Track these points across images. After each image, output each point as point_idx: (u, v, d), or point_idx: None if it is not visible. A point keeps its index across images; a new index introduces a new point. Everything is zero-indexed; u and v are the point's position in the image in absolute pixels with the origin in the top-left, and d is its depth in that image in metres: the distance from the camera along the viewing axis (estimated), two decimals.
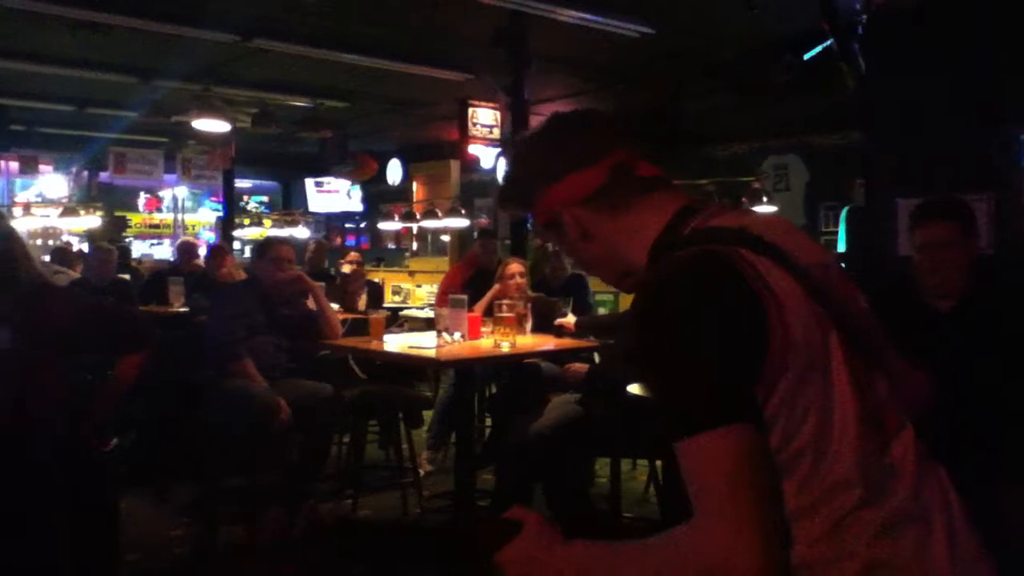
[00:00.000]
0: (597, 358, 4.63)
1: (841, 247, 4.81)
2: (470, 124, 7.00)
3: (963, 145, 3.61)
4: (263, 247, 4.63)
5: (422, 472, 5.05)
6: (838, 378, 1.04)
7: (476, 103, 6.99)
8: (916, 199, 2.81)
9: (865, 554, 1.00)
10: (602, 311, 8.37)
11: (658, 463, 4.17)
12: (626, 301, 8.35)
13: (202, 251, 8.23)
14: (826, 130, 7.00)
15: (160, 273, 7.64)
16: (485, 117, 7.09)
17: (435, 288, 8.07)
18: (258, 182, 14.19)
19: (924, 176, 3.61)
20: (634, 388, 3.14)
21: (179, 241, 9.19)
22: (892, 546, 1.00)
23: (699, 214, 1.19)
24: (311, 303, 4.57)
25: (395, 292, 10.37)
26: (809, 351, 1.02)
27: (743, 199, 6.75)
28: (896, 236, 3.65)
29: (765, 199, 6.70)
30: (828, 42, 4.40)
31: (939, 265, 2.56)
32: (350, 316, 5.82)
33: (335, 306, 5.42)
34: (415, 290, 10.56)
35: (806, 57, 4.71)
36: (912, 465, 1.06)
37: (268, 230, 11.30)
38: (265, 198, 14.55)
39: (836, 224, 7.03)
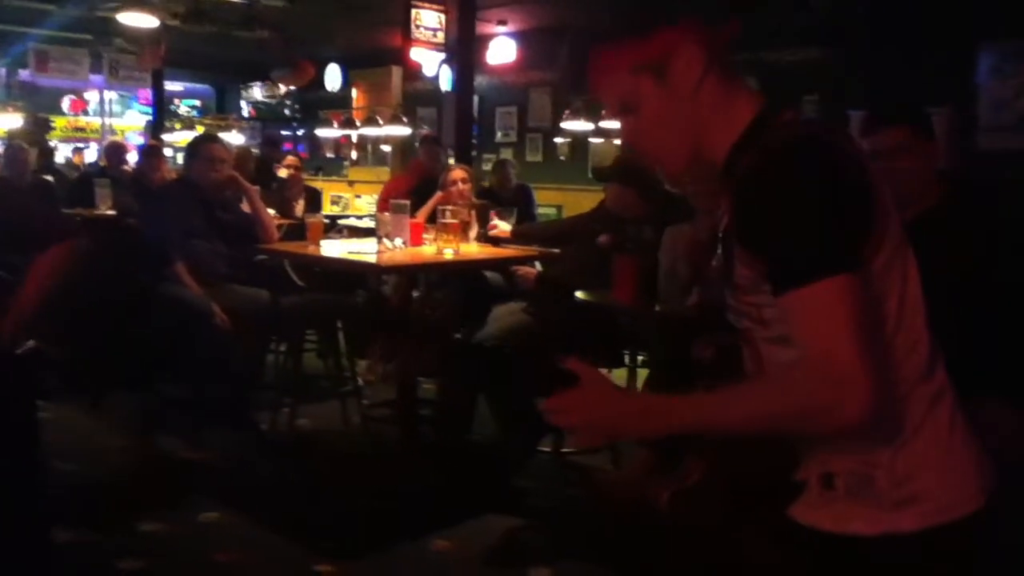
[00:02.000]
0: (539, 266, 4.56)
1: None
2: (413, 27, 6.75)
3: (927, 61, 3.57)
4: (195, 146, 4.44)
5: (361, 382, 4.99)
6: (911, 264, 1.21)
7: (420, 4, 6.73)
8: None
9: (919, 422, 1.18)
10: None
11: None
12: (572, 212, 8.29)
13: (131, 156, 7.90)
14: (781, 46, 6.90)
15: (87, 175, 7.33)
16: (430, 20, 6.85)
17: (375, 199, 7.90)
18: (191, 85, 13.64)
19: (887, 92, 3.58)
20: (582, 295, 3.09)
21: (107, 142, 8.81)
22: (935, 418, 1.19)
23: (781, 113, 1.24)
24: (245, 207, 4.41)
25: (334, 202, 10.15)
26: (896, 234, 1.18)
27: None
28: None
29: None
30: None
31: (892, 174, 2.51)
32: (287, 222, 5.65)
33: (271, 212, 5.25)
34: (354, 200, 10.35)
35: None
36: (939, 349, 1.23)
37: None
38: (198, 102, 14.01)
39: None
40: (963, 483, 1.20)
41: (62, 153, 12.20)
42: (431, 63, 7.38)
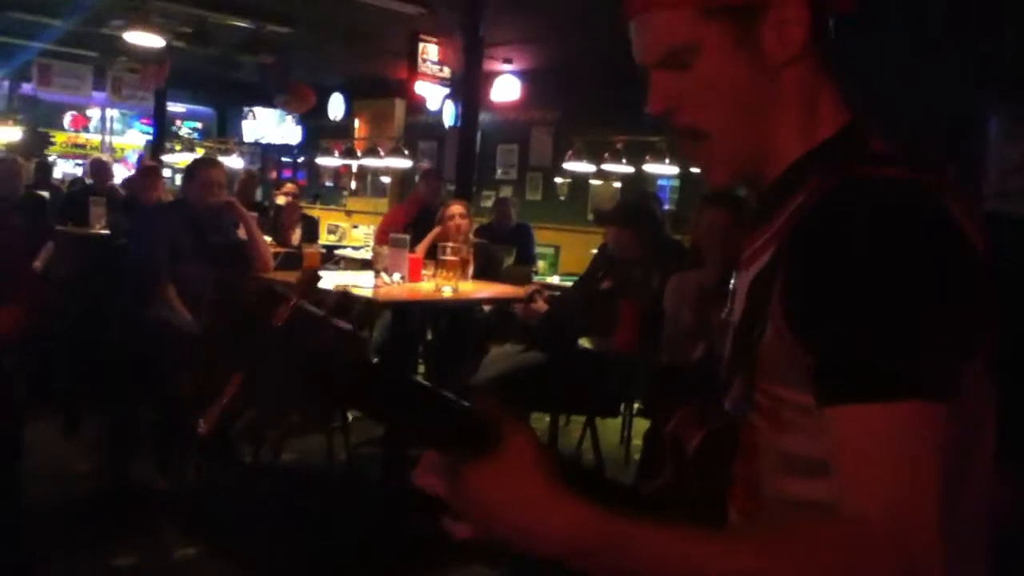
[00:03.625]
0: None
1: None
2: (420, 60, 6.73)
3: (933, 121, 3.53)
4: (193, 169, 4.36)
5: (350, 417, 4.87)
6: (991, 391, 0.85)
7: (428, 38, 6.71)
8: None
9: None
10: (542, 264, 8.26)
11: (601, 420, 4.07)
12: (568, 254, 8.22)
13: (120, 171, 7.83)
14: None
15: (81, 191, 7.26)
16: (435, 54, 6.82)
17: (372, 230, 7.83)
18: (193, 107, 13.62)
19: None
20: (585, 341, 3.01)
21: (91, 159, 8.73)
22: None
23: (872, 139, 0.91)
24: (242, 232, 4.33)
25: (331, 231, 10.07)
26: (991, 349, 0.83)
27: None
28: None
29: None
30: None
31: None
32: (283, 250, 5.57)
33: (267, 238, 5.17)
34: (351, 230, 10.27)
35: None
36: None
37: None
38: (199, 124, 13.99)
39: None
40: None
41: (61, 168, 12.13)
42: (435, 97, 7.35)
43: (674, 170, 7.06)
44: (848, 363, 0.76)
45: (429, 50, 6.90)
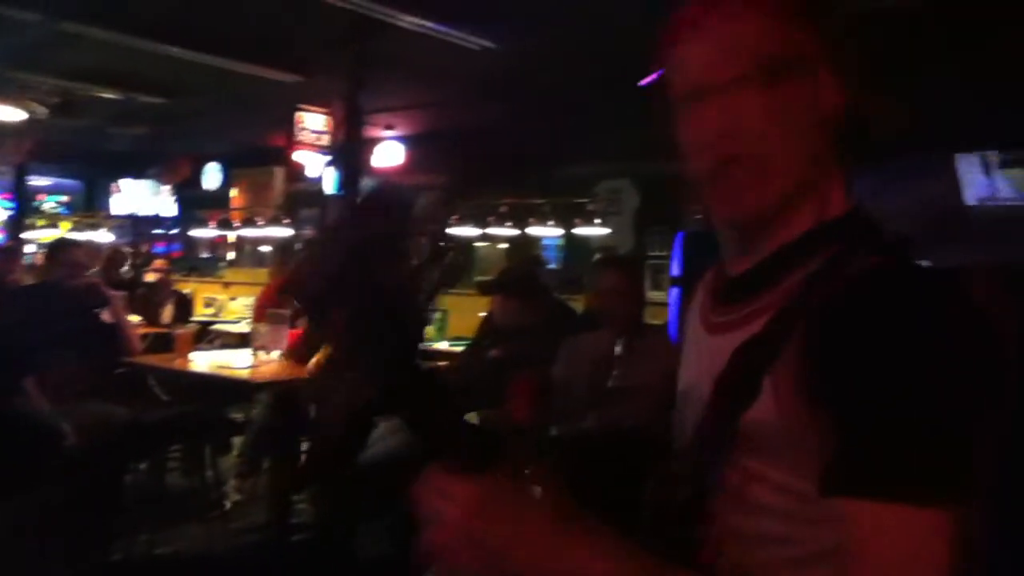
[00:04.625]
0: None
1: (675, 271, 4.83)
2: (298, 128, 6.63)
3: None
4: (55, 250, 4.17)
5: (229, 503, 4.64)
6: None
7: (306, 107, 6.63)
8: None
9: None
10: (429, 329, 8.16)
11: None
12: (457, 318, 8.17)
13: None
14: (660, 158, 7.10)
15: None
16: (315, 123, 6.74)
17: (252, 301, 7.58)
18: (58, 180, 13.04)
19: None
20: (473, 416, 2.93)
21: None
22: None
23: (879, 229, 0.90)
24: (108, 315, 4.12)
25: (208, 304, 9.72)
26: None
27: (577, 220, 6.75)
28: None
29: (598, 221, 6.72)
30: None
31: None
32: (153, 330, 5.31)
33: (136, 318, 4.92)
34: (229, 303, 9.94)
35: (642, 84, 4.71)
36: None
37: (66, 233, 10.35)
38: (65, 197, 13.37)
39: (663, 248, 7.14)
40: None
41: None
42: (315, 165, 7.25)
43: (559, 231, 7.14)
44: (879, 457, 0.72)
45: (307, 118, 6.81)
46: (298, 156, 6.92)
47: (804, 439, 0.77)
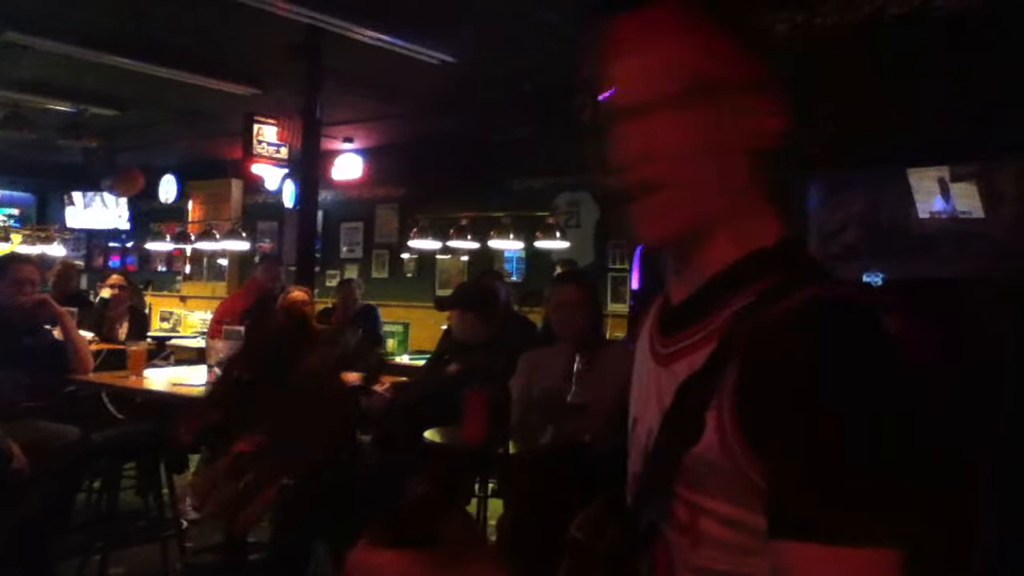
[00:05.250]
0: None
1: (635, 284, 4.85)
2: (255, 141, 6.57)
3: None
4: (2, 266, 4.06)
5: (185, 522, 4.55)
6: None
7: (262, 119, 6.57)
8: None
9: None
10: (391, 343, 8.11)
11: None
12: (419, 331, 8.13)
13: None
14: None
15: None
16: (271, 135, 6.68)
17: (210, 315, 7.48)
18: (9, 193, 12.78)
19: None
20: (430, 434, 2.90)
21: None
22: None
23: (808, 257, 0.90)
24: (58, 332, 4.02)
25: (164, 319, 9.58)
26: None
27: (538, 233, 6.76)
28: None
29: (558, 234, 6.74)
30: None
31: None
32: (107, 346, 5.21)
33: (89, 335, 4.82)
34: (187, 317, 9.80)
35: (601, 98, 4.73)
36: None
37: (17, 247, 10.11)
38: (16, 211, 13.11)
39: (624, 261, 7.18)
40: None
41: None
42: (273, 177, 7.18)
43: (519, 244, 7.15)
44: (814, 499, 0.71)
45: (264, 131, 6.75)
46: (256, 169, 6.85)
47: (747, 474, 0.77)
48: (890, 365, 0.74)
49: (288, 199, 8.47)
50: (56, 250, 9.46)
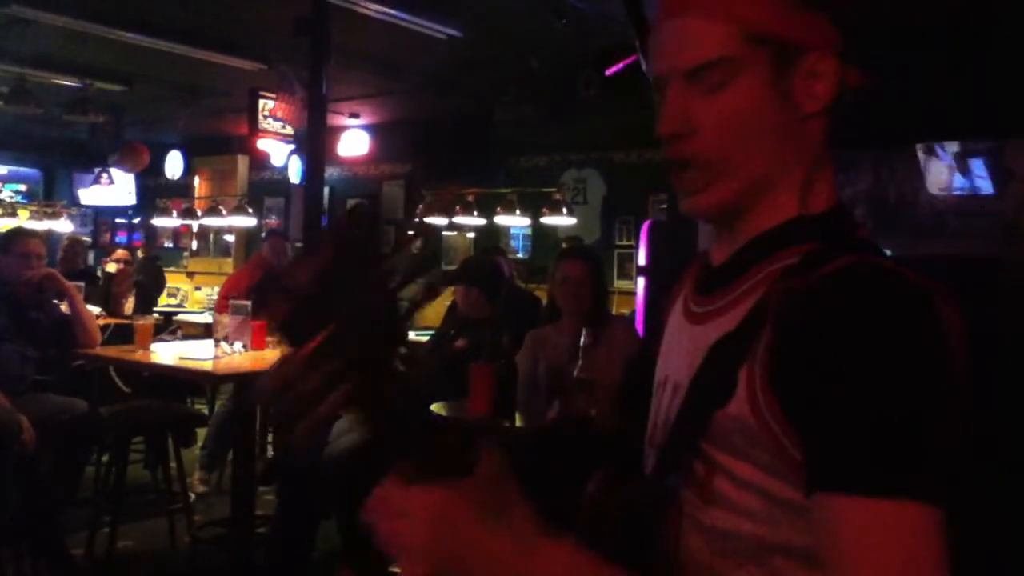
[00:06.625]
0: None
1: (641, 261, 4.83)
2: (261, 117, 6.54)
3: None
4: (8, 240, 4.07)
5: (192, 496, 4.58)
6: None
7: (268, 95, 6.54)
8: None
9: None
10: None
11: None
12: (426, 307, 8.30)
13: None
14: (626, 147, 7.12)
15: None
16: (278, 110, 6.64)
17: (216, 291, 7.49)
18: (15, 168, 12.76)
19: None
20: (437, 407, 2.90)
21: None
22: None
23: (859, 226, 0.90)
24: (65, 307, 4.03)
25: (171, 295, 9.59)
26: None
27: (544, 209, 6.73)
28: (695, 250, 3.65)
29: (565, 211, 6.71)
30: (632, 58, 4.40)
31: None
32: (114, 321, 5.22)
33: (96, 309, 4.84)
34: (193, 292, 9.82)
35: (608, 73, 4.70)
36: None
37: (24, 222, 10.12)
38: (23, 186, 13.10)
39: (631, 237, 7.15)
40: None
41: None
42: (279, 153, 7.15)
43: (525, 221, 7.13)
44: (859, 452, 0.71)
45: (270, 106, 6.72)
46: (262, 144, 6.82)
47: (775, 436, 0.77)
48: (926, 331, 0.74)
49: (294, 175, 8.46)
50: (63, 226, 9.48)
